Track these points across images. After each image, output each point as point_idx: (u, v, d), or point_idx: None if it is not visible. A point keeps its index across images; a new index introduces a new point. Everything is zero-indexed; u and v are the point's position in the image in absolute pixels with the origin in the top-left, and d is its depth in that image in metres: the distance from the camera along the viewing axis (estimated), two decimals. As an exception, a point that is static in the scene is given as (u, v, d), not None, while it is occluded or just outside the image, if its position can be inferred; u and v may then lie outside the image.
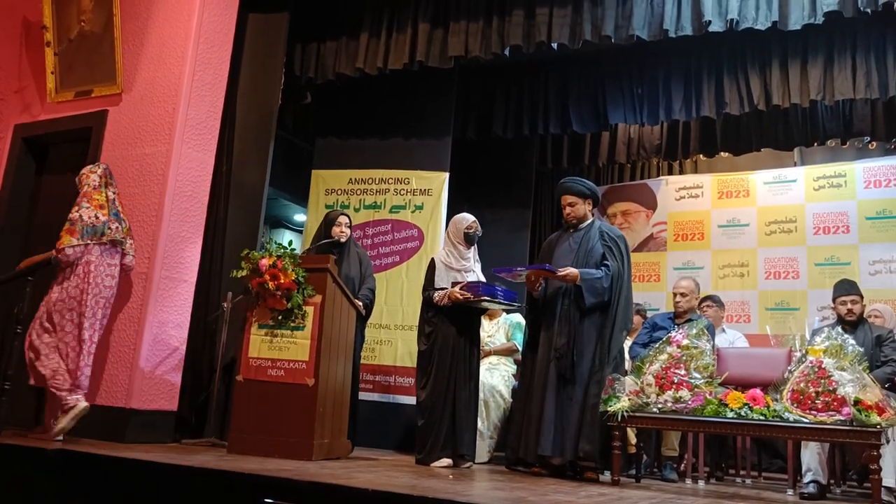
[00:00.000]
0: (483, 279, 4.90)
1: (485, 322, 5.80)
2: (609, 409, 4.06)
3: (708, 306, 5.80)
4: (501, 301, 4.77)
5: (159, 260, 4.71)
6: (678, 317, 5.36)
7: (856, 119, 6.24)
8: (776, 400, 3.88)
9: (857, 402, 3.55)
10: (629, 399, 4.15)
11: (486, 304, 4.80)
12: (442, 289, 4.73)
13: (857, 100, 5.82)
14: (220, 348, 5.04)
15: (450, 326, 4.72)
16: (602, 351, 4.33)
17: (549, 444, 4.21)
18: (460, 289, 4.64)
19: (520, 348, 5.39)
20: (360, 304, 4.76)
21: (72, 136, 5.40)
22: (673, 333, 4.45)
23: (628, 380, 4.29)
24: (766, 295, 7.01)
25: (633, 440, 4.80)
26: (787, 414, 3.84)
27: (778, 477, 5.45)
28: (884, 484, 3.76)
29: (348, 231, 5.01)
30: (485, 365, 5.48)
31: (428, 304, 4.80)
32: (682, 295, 5.35)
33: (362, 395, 5.26)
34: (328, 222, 5.03)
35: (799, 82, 5.59)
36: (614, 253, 4.45)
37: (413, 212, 6.20)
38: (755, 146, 6.73)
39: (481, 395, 5.09)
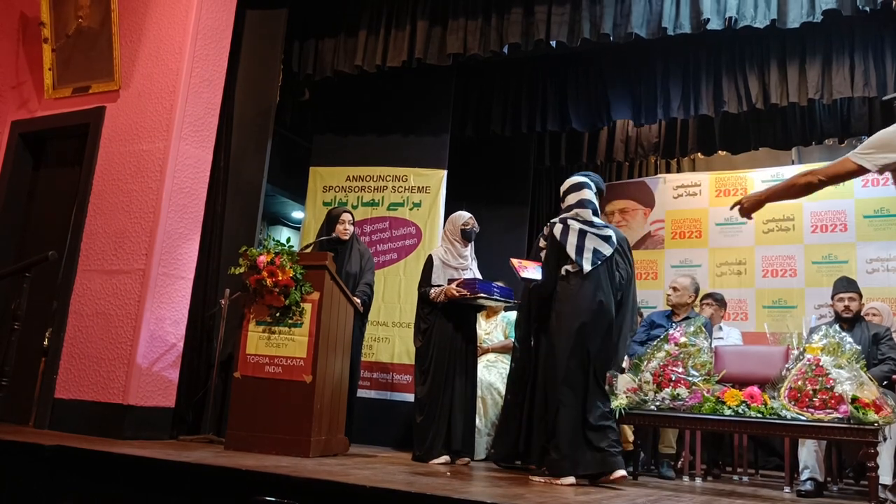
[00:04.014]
0: (479, 277, 4.90)
1: (482, 320, 5.81)
2: (606, 406, 4.06)
3: (708, 304, 5.80)
4: (498, 298, 4.78)
5: (157, 256, 4.70)
6: (674, 313, 5.38)
7: (853, 118, 6.24)
8: (774, 398, 3.89)
9: (854, 400, 3.56)
10: (627, 396, 4.16)
11: (482, 301, 4.80)
12: (438, 286, 4.74)
13: (854, 99, 5.82)
14: (218, 345, 5.04)
15: (446, 323, 4.73)
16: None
17: None
18: (457, 286, 4.64)
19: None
20: (359, 301, 4.76)
21: (69, 133, 5.40)
22: (671, 331, 4.47)
23: (626, 377, 4.30)
24: (763, 293, 7.02)
25: (631, 438, 4.81)
26: (784, 412, 3.86)
27: (775, 475, 5.47)
28: (880, 481, 3.77)
29: (351, 228, 5.00)
30: (482, 363, 5.49)
31: (424, 300, 4.81)
32: (674, 290, 5.39)
33: (360, 392, 5.26)
34: (331, 219, 5.02)
35: (797, 81, 5.59)
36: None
37: (411, 209, 6.20)
38: (753, 145, 6.73)
39: (479, 392, 5.09)
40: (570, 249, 4.03)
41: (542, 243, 4.26)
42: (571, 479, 3.73)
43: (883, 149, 2.74)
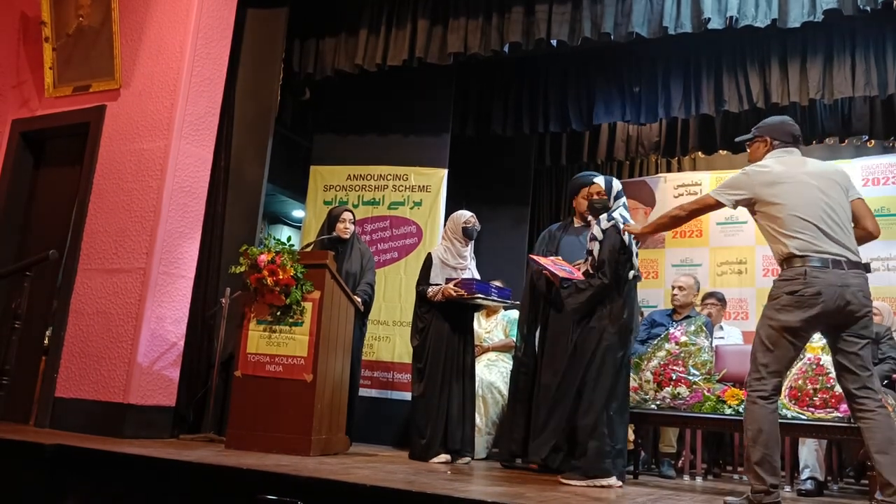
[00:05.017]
0: (478, 276, 4.90)
1: (483, 319, 5.82)
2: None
3: (711, 304, 5.80)
4: (495, 299, 4.79)
5: (157, 255, 4.71)
6: (675, 312, 5.38)
7: (854, 118, 6.23)
8: (774, 397, 3.89)
9: (854, 399, 3.56)
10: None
11: (479, 301, 4.81)
12: (436, 285, 4.74)
13: (855, 98, 5.82)
14: (219, 344, 5.03)
15: (443, 322, 4.74)
16: None
17: None
18: (454, 285, 4.65)
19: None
20: (359, 300, 4.76)
21: (70, 132, 5.40)
22: (671, 330, 4.47)
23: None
24: (764, 292, 6.92)
25: (631, 437, 4.81)
26: (784, 411, 3.86)
27: (775, 474, 5.45)
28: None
29: (352, 227, 5.00)
30: (483, 361, 5.50)
31: (422, 299, 4.81)
32: (680, 288, 5.38)
33: (360, 391, 5.26)
34: (332, 218, 5.02)
35: (798, 80, 5.58)
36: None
37: (412, 208, 6.20)
38: (754, 144, 6.72)
39: (479, 391, 5.10)
40: (635, 258, 3.99)
41: (597, 233, 4.01)
42: (614, 480, 3.74)
43: (733, 189, 3.32)
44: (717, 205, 3.37)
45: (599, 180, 4.21)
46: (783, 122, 3.48)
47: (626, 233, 3.93)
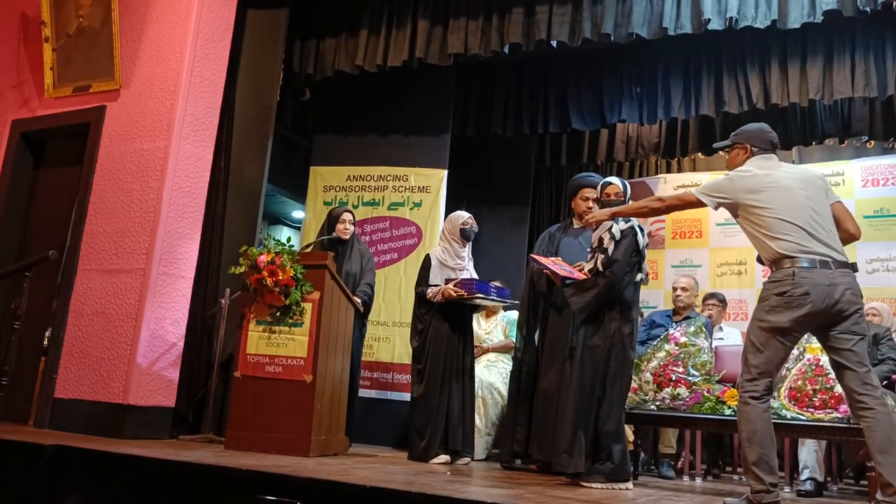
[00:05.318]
0: (476, 277, 4.90)
1: (482, 320, 5.82)
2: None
3: (713, 304, 5.80)
4: (495, 298, 4.79)
5: (157, 256, 4.70)
6: (677, 313, 5.38)
7: (854, 118, 6.23)
8: (773, 398, 3.89)
9: (854, 400, 3.56)
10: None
11: (479, 301, 4.81)
12: (435, 286, 4.74)
13: (855, 99, 5.82)
14: (218, 345, 5.03)
15: (442, 323, 4.74)
16: None
17: None
18: (454, 285, 4.65)
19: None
20: (359, 301, 4.76)
21: (70, 132, 5.40)
22: (671, 331, 4.47)
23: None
24: (763, 293, 7.01)
25: (631, 437, 4.81)
26: (784, 412, 3.86)
27: (775, 475, 5.46)
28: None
29: (352, 228, 5.01)
30: (482, 362, 5.50)
31: (421, 300, 4.81)
32: (683, 289, 5.38)
33: (360, 392, 5.26)
34: (331, 219, 5.02)
35: (798, 81, 5.59)
36: None
37: (411, 209, 6.20)
38: (754, 145, 6.72)
39: (479, 392, 5.10)
40: (644, 261, 4.03)
41: (616, 233, 3.95)
42: (630, 483, 3.79)
43: (716, 191, 3.38)
44: (699, 203, 3.42)
45: (616, 181, 4.18)
46: (761, 129, 3.54)
47: (646, 236, 4.00)
